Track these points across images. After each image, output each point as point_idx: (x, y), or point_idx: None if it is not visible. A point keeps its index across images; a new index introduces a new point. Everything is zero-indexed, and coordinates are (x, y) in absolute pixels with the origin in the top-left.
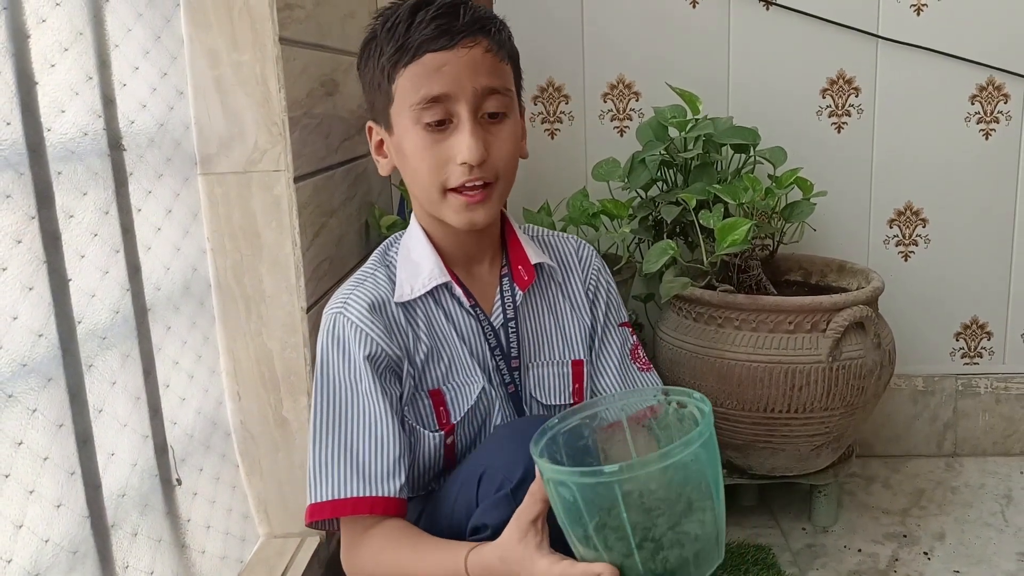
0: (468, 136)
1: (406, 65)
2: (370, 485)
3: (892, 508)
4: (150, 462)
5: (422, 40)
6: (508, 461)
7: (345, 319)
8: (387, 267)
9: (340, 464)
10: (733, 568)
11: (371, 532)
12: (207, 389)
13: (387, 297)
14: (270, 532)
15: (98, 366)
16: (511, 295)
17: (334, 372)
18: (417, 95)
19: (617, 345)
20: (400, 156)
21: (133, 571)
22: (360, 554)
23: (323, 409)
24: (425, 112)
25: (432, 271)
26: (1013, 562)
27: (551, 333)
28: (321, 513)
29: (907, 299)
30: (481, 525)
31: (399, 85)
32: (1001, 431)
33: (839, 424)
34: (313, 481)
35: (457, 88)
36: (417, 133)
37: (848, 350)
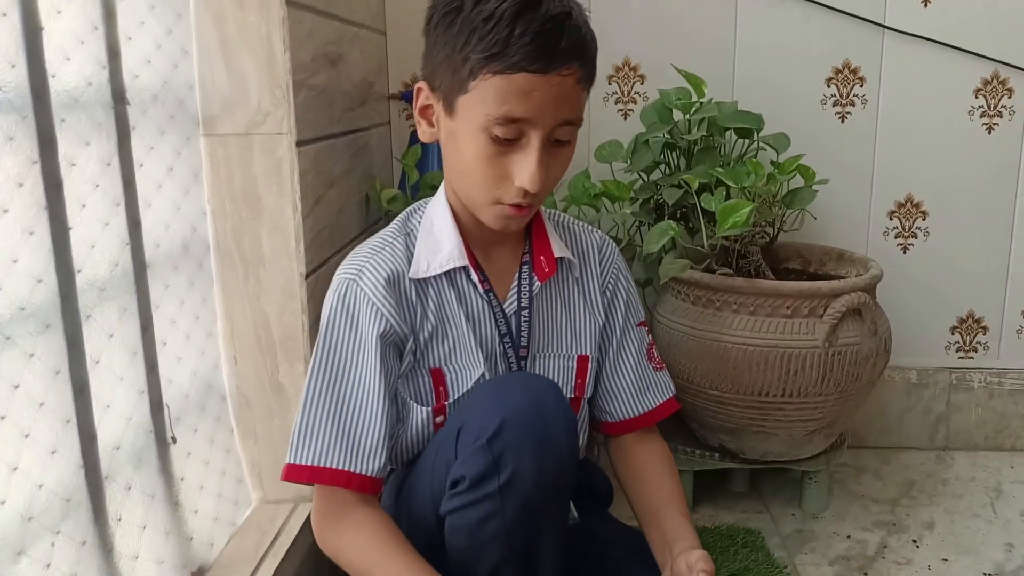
0: (535, 165)
1: (496, 73)
2: (353, 460)
3: (882, 497)
4: (145, 418)
5: (522, 57)
6: (486, 413)
7: (359, 289)
8: (407, 236)
9: (328, 432)
10: (722, 551)
11: (353, 519)
12: (204, 351)
13: (403, 270)
14: (263, 497)
15: (96, 317)
16: (528, 284)
17: (339, 339)
18: (498, 110)
19: (635, 346)
20: (453, 144)
21: (126, 524)
22: (338, 537)
23: (321, 372)
24: (499, 127)
25: (452, 252)
26: (1001, 552)
27: (562, 326)
28: (299, 476)
29: (904, 291)
30: (459, 477)
31: (480, 86)
32: (993, 426)
33: (833, 410)
34: (297, 440)
35: (539, 116)
36: (482, 140)
37: (845, 336)
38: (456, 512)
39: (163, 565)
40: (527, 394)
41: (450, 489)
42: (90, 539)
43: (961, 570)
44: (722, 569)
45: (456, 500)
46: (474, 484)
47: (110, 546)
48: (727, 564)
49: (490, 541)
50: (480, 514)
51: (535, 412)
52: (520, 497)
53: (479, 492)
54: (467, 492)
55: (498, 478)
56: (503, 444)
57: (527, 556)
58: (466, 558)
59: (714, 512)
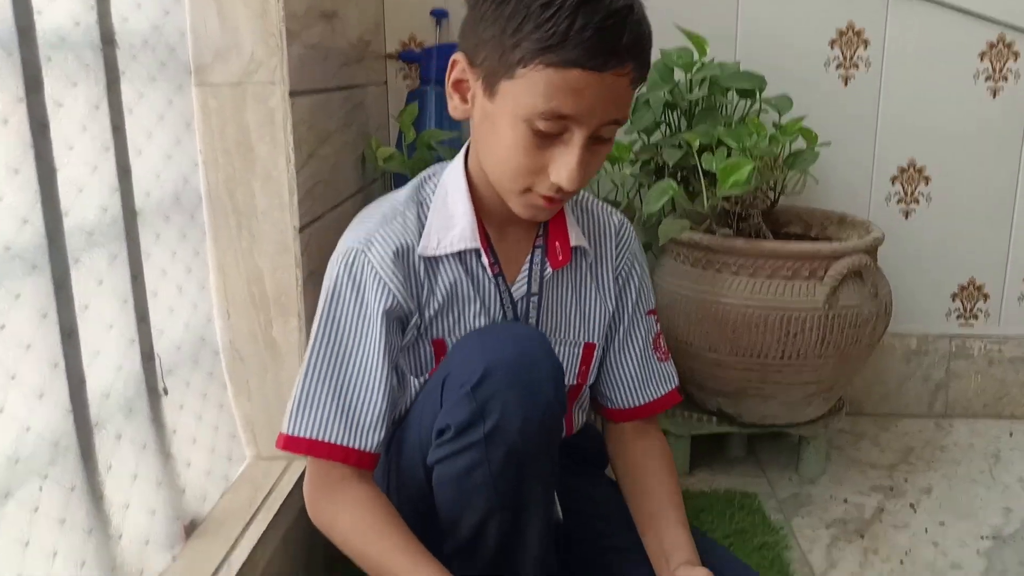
0: (575, 164)
1: (549, 66)
2: (352, 435)
3: (880, 463)
4: (136, 367)
5: (579, 54)
6: (470, 361)
7: (367, 261)
8: (419, 206)
9: (328, 405)
10: (718, 513)
11: (348, 496)
12: (196, 304)
13: (412, 244)
14: (257, 454)
15: (84, 262)
16: (540, 270)
17: (344, 311)
18: (546, 104)
19: (642, 335)
20: (488, 127)
21: (116, 473)
22: (333, 514)
23: (324, 343)
24: (543, 121)
25: (464, 232)
26: (999, 516)
27: (571, 313)
28: (296, 447)
29: (905, 257)
30: (445, 427)
31: (529, 76)
32: (993, 393)
33: (832, 373)
34: (296, 411)
35: (587, 115)
36: (522, 130)
37: (845, 299)
38: (442, 462)
39: (155, 516)
40: (513, 342)
41: (436, 439)
42: (79, 485)
43: (958, 533)
44: (718, 531)
45: (442, 450)
46: (459, 433)
47: (100, 494)
48: (723, 526)
49: (476, 492)
50: (465, 463)
51: (521, 360)
52: (505, 446)
53: (464, 441)
54: (452, 441)
55: (483, 426)
56: (488, 392)
57: (515, 508)
58: (453, 510)
59: (711, 477)
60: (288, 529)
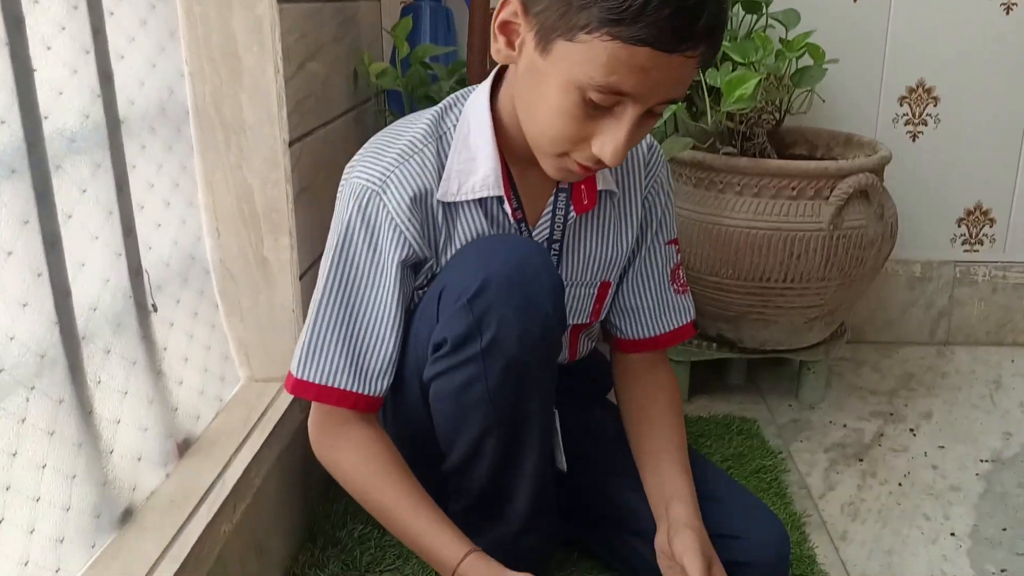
0: (622, 140)
1: (616, 39)
2: (361, 381)
3: (880, 389)
4: (123, 282)
5: (652, 32)
6: (467, 273)
7: (382, 205)
8: (439, 141)
9: (338, 350)
10: (716, 438)
11: (352, 437)
12: (185, 220)
13: (431, 187)
14: (251, 376)
15: (67, 169)
16: (564, 214)
17: (356, 255)
18: (605, 78)
19: (660, 264)
20: (534, 83)
21: (106, 387)
22: (336, 453)
23: (335, 286)
24: (598, 93)
25: (487, 177)
26: (998, 440)
27: (593, 257)
28: (305, 392)
29: (912, 181)
30: (441, 340)
31: (592, 44)
32: (996, 320)
33: (835, 297)
34: (305, 355)
35: (646, 93)
36: (573, 97)
37: (850, 219)
38: (439, 377)
39: (147, 433)
40: (511, 254)
41: (432, 353)
42: (67, 398)
43: (957, 457)
44: (716, 455)
45: (439, 365)
46: (456, 347)
47: (89, 408)
48: (721, 450)
49: (474, 407)
50: (463, 378)
51: (519, 272)
52: (504, 360)
53: (461, 355)
54: (449, 356)
55: (480, 340)
56: (485, 304)
57: (513, 425)
58: (451, 427)
59: (710, 403)
60: (284, 450)
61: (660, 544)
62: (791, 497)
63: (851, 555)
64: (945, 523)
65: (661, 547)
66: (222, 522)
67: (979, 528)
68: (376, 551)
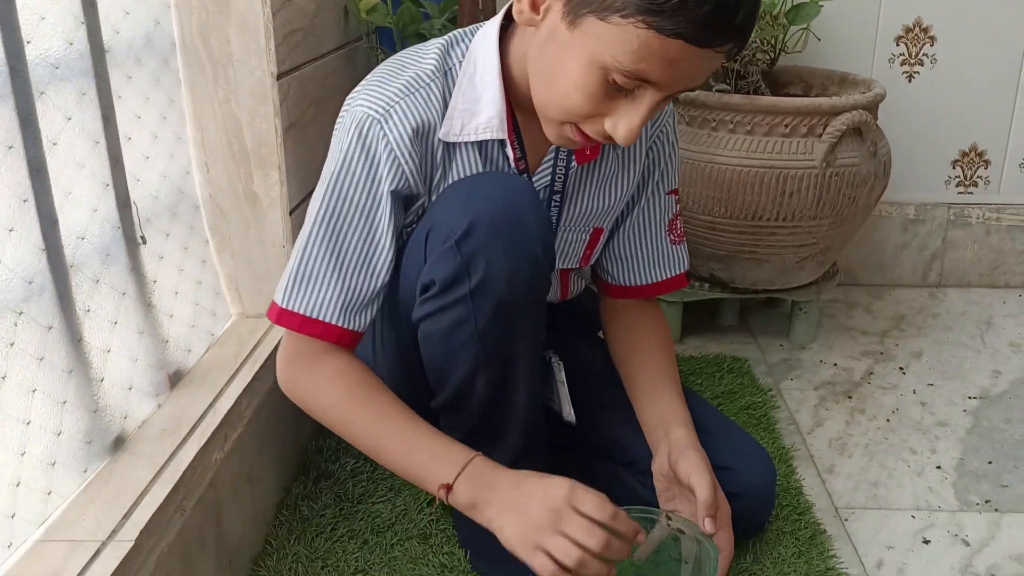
0: (637, 123)
1: (650, 28)
2: (346, 315)
3: (871, 330)
4: (112, 213)
5: (688, 26)
6: (454, 213)
7: (383, 134)
8: (445, 77)
9: (327, 283)
10: (707, 376)
11: (331, 366)
12: (173, 155)
13: (434, 123)
14: (242, 312)
15: (51, 95)
16: (565, 164)
17: (353, 183)
18: (633, 64)
19: (659, 214)
20: (555, 52)
21: (95, 316)
22: (317, 383)
23: (328, 214)
24: (623, 76)
25: (491, 120)
26: (987, 378)
27: (591, 206)
28: (289, 322)
29: (907, 122)
30: (429, 282)
31: (625, 29)
32: (989, 263)
33: (826, 235)
34: (292, 284)
35: (670, 82)
36: (595, 76)
37: (843, 157)
38: (428, 318)
39: (137, 363)
40: (499, 192)
41: (421, 295)
42: (56, 325)
43: (946, 394)
44: (706, 393)
45: (427, 306)
46: (444, 289)
47: (79, 336)
48: (712, 387)
49: (463, 348)
50: (451, 320)
51: (507, 211)
52: (492, 302)
53: (449, 297)
54: (437, 297)
55: (468, 282)
56: (473, 246)
57: (503, 364)
58: (440, 366)
59: (701, 343)
60: (275, 383)
61: (660, 467)
62: (780, 432)
63: (837, 487)
64: (931, 457)
65: (661, 470)
66: (213, 450)
67: (965, 461)
68: (368, 484)
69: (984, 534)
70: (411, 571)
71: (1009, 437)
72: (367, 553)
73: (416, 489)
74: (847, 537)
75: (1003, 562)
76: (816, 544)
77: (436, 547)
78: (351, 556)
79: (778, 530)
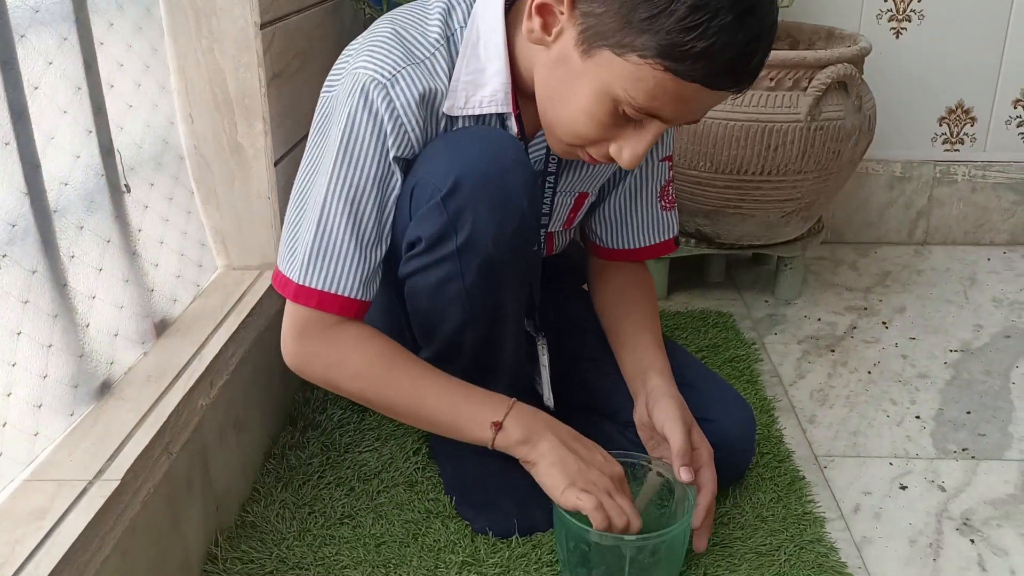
0: (642, 151)
1: (669, 71)
2: (364, 287)
3: (856, 286)
4: (95, 159)
5: (707, 72)
6: (440, 170)
7: (390, 100)
8: (448, 43)
9: (348, 257)
10: (693, 330)
11: (352, 334)
12: (156, 104)
13: (440, 91)
14: (228, 264)
15: (31, 39)
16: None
17: (363, 150)
18: (648, 102)
19: (652, 180)
20: (565, 77)
21: (80, 263)
22: (342, 352)
23: (341, 184)
24: (632, 109)
25: (496, 93)
26: (969, 332)
27: (580, 174)
28: (307, 299)
29: (895, 79)
30: (416, 239)
31: (642, 68)
32: (974, 220)
33: (811, 190)
34: (310, 258)
35: (678, 117)
36: (605, 105)
37: (828, 110)
38: (415, 275)
39: (123, 310)
40: (484, 148)
41: (407, 251)
42: (41, 270)
43: (927, 347)
44: (691, 346)
45: (413, 263)
46: (431, 246)
47: (63, 281)
48: (697, 341)
49: (450, 304)
50: (439, 276)
51: (492, 167)
52: (479, 258)
53: (436, 254)
54: (424, 254)
55: (455, 239)
56: (459, 203)
57: (490, 318)
58: (428, 321)
59: (688, 299)
60: (262, 333)
61: (640, 416)
62: (762, 384)
63: (817, 436)
64: (911, 407)
65: (641, 419)
66: (199, 396)
67: (944, 411)
68: (355, 434)
69: (960, 480)
70: (397, 516)
71: (988, 388)
72: (353, 500)
73: (402, 439)
74: (825, 483)
75: (978, 506)
76: (795, 490)
77: (422, 493)
78: (338, 503)
79: (758, 476)
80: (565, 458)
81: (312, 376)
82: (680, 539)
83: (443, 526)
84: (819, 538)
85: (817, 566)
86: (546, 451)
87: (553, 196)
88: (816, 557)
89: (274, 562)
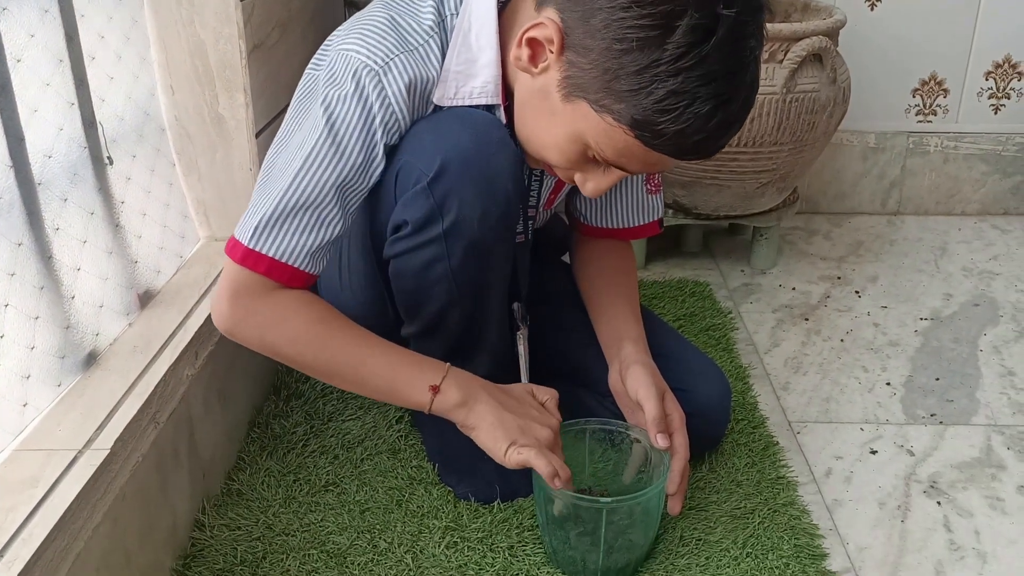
0: (604, 187)
1: (639, 140)
2: (314, 261)
3: (830, 256)
4: (78, 132)
5: (676, 148)
6: (425, 154)
7: (382, 88)
8: (440, 29)
9: (304, 230)
10: (670, 300)
11: (287, 298)
12: (137, 76)
13: (432, 80)
14: (211, 235)
15: (13, 11)
16: None
17: (348, 133)
18: (615, 158)
19: None
20: (544, 111)
21: (64, 235)
22: (278, 316)
23: (318, 163)
24: (600, 157)
25: (486, 85)
26: (939, 300)
27: None
28: (256, 264)
29: (869, 51)
30: (401, 222)
31: (616, 130)
32: (946, 191)
33: (786, 161)
34: (265, 225)
35: (643, 170)
36: (575, 146)
37: (803, 82)
38: (401, 256)
39: (107, 282)
40: (468, 132)
41: (392, 234)
42: (26, 242)
43: (899, 316)
44: (668, 315)
45: (399, 245)
46: (417, 229)
47: (49, 253)
48: (674, 310)
49: (436, 285)
50: (425, 259)
51: (478, 151)
52: (466, 241)
53: (422, 237)
54: (410, 237)
55: (442, 223)
56: (445, 187)
57: (475, 297)
58: (413, 299)
59: (666, 269)
60: None
61: (614, 383)
62: (738, 352)
63: (791, 403)
64: (882, 374)
65: (615, 386)
66: (185, 366)
67: (913, 378)
68: (338, 403)
69: (928, 444)
70: (381, 483)
71: (957, 356)
72: (337, 467)
73: (385, 407)
74: (799, 448)
75: (944, 470)
76: (769, 455)
77: (405, 461)
78: (322, 470)
79: (733, 442)
80: (504, 418)
81: (246, 338)
82: (655, 502)
83: (426, 492)
84: (792, 501)
85: (790, 528)
86: (484, 412)
87: (534, 178)
88: (789, 520)
89: (260, 528)
